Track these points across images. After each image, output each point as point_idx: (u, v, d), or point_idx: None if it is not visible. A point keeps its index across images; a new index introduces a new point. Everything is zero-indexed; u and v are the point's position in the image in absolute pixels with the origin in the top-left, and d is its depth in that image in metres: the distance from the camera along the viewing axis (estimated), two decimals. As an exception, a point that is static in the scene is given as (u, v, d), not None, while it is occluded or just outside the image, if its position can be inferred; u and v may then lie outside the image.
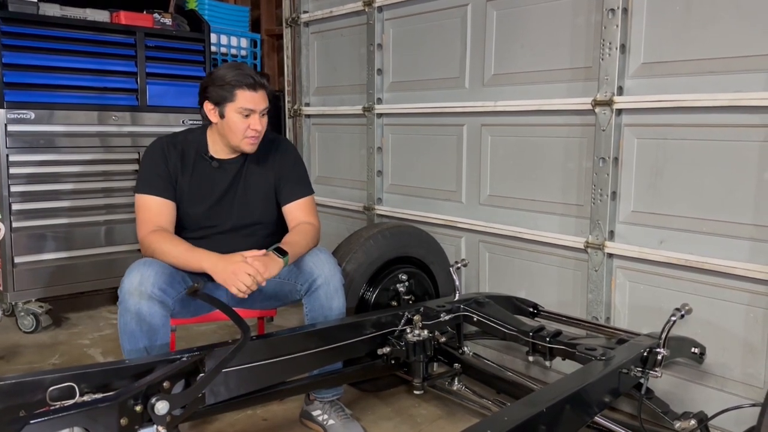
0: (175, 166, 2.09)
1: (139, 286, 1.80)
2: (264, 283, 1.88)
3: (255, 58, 4.55)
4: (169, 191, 2.06)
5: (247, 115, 2.02)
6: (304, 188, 2.23)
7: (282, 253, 1.96)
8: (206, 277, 2.07)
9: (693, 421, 1.74)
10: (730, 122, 1.94)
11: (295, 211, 2.20)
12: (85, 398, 1.44)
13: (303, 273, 2.04)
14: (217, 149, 2.13)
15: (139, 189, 2.06)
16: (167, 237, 1.99)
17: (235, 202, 2.15)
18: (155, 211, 2.04)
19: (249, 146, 2.08)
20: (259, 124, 2.04)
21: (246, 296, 1.86)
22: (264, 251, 1.94)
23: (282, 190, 2.20)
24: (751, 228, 1.93)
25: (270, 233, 2.22)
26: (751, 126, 1.90)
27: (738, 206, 1.95)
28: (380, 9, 3.03)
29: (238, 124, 2.03)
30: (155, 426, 1.47)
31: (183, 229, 2.11)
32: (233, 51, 4.38)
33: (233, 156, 2.15)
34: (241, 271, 1.83)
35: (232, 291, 1.84)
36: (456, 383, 2.17)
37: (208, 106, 2.06)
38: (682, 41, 2.03)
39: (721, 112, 1.96)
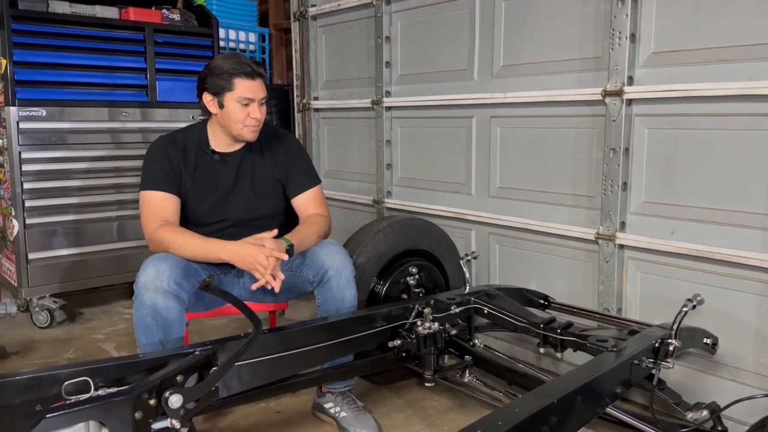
0: (177, 162, 2.09)
1: (154, 281, 1.81)
2: (285, 257, 1.90)
3: (263, 53, 4.56)
4: (173, 186, 2.07)
5: (246, 104, 2.04)
6: (311, 179, 2.25)
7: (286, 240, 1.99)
8: (220, 269, 2.08)
9: (705, 412, 1.73)
10: (742, 111, 1.92)
11: (305, 203, 2.21)
12: (100, 392, 1.46)
13: (314, 265, 2.05)
14: (218, 142, 2.14)
15: (142, 186, 2.08)
16: (178, 230, 2.00)
17: (242, 195, 2.15)
18: (160, 206, 2.04)
19: (250, 134, 2.09)
20: (258, 113, 2.06)
21: (276, 282, 1.89)
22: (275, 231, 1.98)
23: (290, 183, 2.22)
24: (764, 218, 1.91)
25: (278, 226, 2.23)
26: (764, 115, 1.88)
27: (750, 196, 1.93)
28: (388, 1, 3.02)
29: (237, 113, 2.04)
30: (169, 419, 1.48)
31: (190, 224, 2.12)
32: (242, 46, 4.39)
33: (234, 149, 2.16)
34: (258, 253, 1.87)
35: (257, 276, 1.88)
36: (467, 375, 2.17)
37: (206, 98, 2.07)
38: (692, 30, 2.01)
39: (733, 101, 1.94)
